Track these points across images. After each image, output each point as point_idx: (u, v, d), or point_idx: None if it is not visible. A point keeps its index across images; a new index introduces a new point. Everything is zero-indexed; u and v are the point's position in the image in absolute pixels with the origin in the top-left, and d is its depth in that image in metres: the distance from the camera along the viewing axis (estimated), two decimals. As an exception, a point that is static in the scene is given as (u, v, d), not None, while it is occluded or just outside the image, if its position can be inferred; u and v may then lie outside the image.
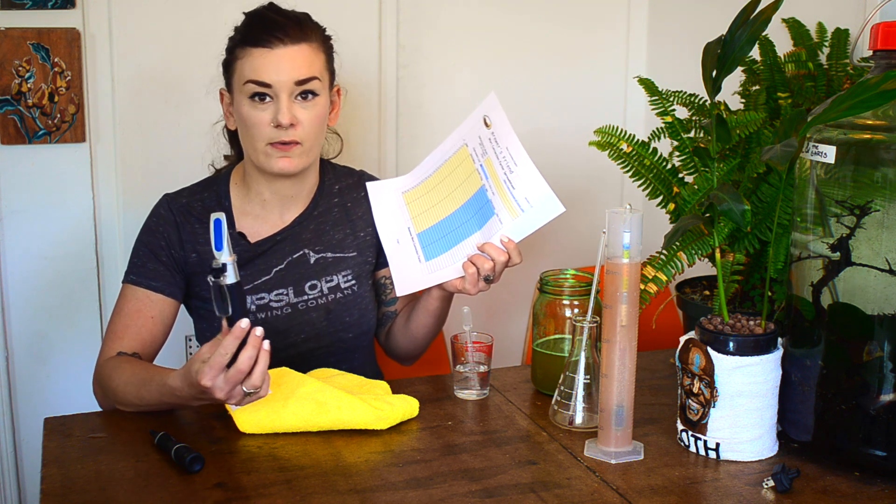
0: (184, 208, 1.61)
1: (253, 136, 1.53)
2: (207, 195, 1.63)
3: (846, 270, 1.23)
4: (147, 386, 1.36)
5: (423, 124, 2.28)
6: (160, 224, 1.59)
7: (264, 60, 1.49)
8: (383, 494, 1.18)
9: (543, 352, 1.51)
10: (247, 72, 1.51)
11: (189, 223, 1.60)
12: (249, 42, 1.51)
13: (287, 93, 1.50)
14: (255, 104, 1.51)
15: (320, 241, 1.64)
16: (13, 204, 1.97)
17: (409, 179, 1.66)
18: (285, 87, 1.50)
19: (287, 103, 1.50)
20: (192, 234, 1.59)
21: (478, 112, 1.56)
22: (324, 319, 1.61)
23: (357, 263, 1.66)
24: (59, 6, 1.91)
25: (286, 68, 1.50)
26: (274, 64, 1.49)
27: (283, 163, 1.53)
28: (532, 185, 1.45)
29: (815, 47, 1.78)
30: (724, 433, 1.27)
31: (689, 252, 1.43)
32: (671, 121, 1.51)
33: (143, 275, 1.56)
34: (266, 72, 1.49)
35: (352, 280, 1.64)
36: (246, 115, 1.53)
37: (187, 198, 1.63)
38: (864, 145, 1.20)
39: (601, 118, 1.77)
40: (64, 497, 1.16)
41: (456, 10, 2.23)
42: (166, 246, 1.58)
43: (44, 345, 2.04)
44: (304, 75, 1.51)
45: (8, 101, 1.91)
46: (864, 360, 1.22)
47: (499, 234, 1.48)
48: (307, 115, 1.53)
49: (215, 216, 1.25)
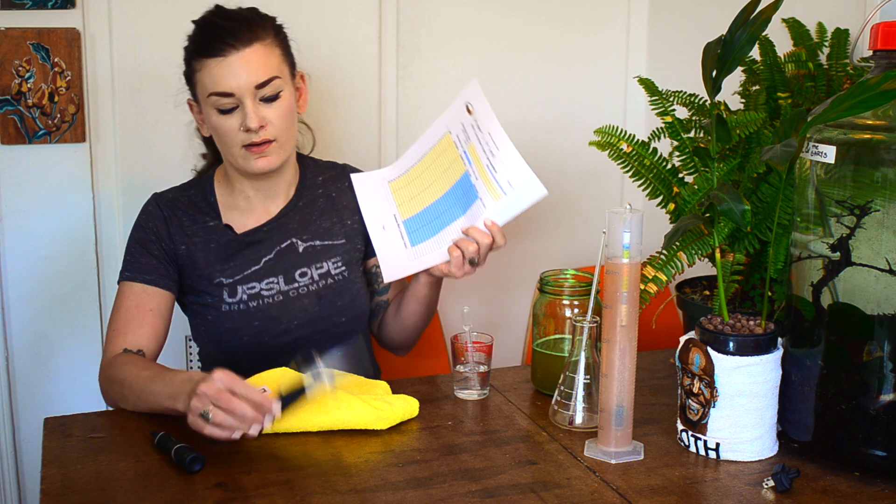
0: (171, 203, 1.65)
1: (227, 143, 1.57)
2: (193, 192, 1.67)
3: (846, 270, 1.23)
4: (151, 392, 1.38)
5: (423, 124, 2.26)
6: (149, 220, 1.63)
7: (221, 70, 1.51)
8: (383, 494, 1.18)
9: (543, 352, 1.51)
10: (207, 84, 1.53)
11: (177, 217, 1.63)
12: (202, 53, 1.53)
13: (250, 97, 1.52)
14: (221, 115, 1.54)
15: (307, 230, 1.66)
16: (13, 204, 1.97)
17: (394, 169, 1.68)
18: (247, 91, 1.52)
19: (252, 107, 1.52)
20: (180, 227, 1.62)
21: (460, 99, 1.58)
22: (316, 305, 1.63)
23: (346, 250, 1.68)
24: (59, 6, 1.91)
25: (243, 73, 1.51)
26: (231, 71, 1.51)
27: (262, 162, 1.56)
28: (514, 168, 1.47)
29: (815, 47, 1.78)
30: (724, 433, 1.27)
31: (689, 252, 1.43)
32: (671, 121, 1.51)
33: (137, 270, 1.59)
34: (225, 80, 1.51)
35: (342, 266, 1.66)
36: (216, 124, 1.56)
37: (174, 194, 1.67)
38: (864, 145, 1.20)
39: (601, 118, 1.78)
40: (64, 497, 1.16)
41: (456, 11, 2.23)
42: (156, 240, 1.61)
43: (44, 345, 2.04)
44: (263, 78, 1.53)
45: (8, 101, 1.91)
46: (864, 360, 1.22)
47: (482, 218, 1.50)
48: (275, 114, 1.55)
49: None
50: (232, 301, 1.60)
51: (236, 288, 1.60)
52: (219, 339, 1.60)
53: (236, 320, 1.59)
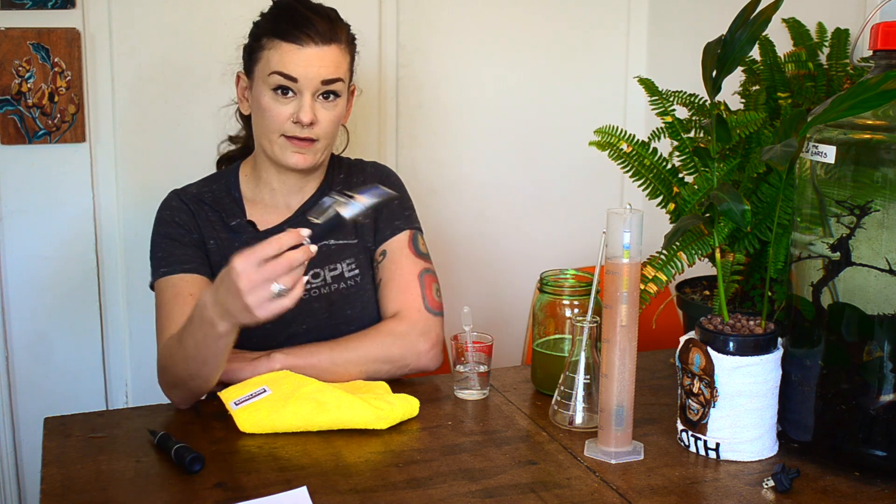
0: (195, 198, 1.62)
1: (268, 127, 1.54)
2: (217, 186, 1.64)
3: (846, 270, 1.23)
4: (188, 328, 1.35)
5: (423, 124, 2.28)
6: (174, 214, 1.59)
7: (294, 56, 1.50)
8: (383, 494, 1.18)
9: (543, 352, 1.51)
10: (274, 63, 1.51)
11: (202, 211, 1.61)
12: (279, 34, 1.51)
13: (311, 91, 1.51)
14: (276, 96, 1.52)
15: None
16: (13, 204, 1.97)
17: None
18: (311, 84, 1.51)
19: (310, 101, 1.51)
20: (208, 222, 1.60)
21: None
22: (325, 311, 1.61)
23: (360, 250, 1.65)
24: (59, 6, 1.91)
25: (315, 67, 1.50)
26: (304, 61, 1.49)
27: (297, 158, 1.54)
28: None
29: (815, 47, 1.78)
30: (724, 433, 1.27)
31: (689, 252, 1.43)
32: (671, 121, 1.51)
33: (171, 263, 1.55)
34: (295, 67, 1.49)
35: (355, 269, 1.64)
36: (266, 105, 1.53)
37: (197, 189, 1.64)
38: (864, 145, 1.20)
39: (601, 118, 1.77)
40: (64, 497, 1.16)
41: (456, 11, 2.23)
42: (186, 232, 1.58)
43: (44, 345, 2.04)
44: (331, 76, 1.52)
45: (8, 101, 1.91)
46: (864, 360, 1.22)
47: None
48: (327, 115, 1.53)
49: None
50: None
51: None
52: None
53: None
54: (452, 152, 2.32)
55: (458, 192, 2.34)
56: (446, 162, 2.32)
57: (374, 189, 1.38)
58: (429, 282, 1.63)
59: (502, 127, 2.35)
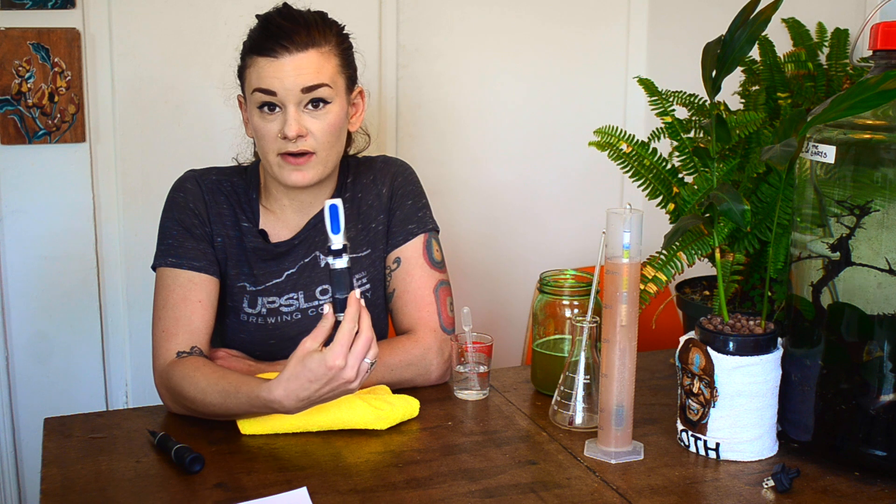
0: (214, 185, 1.54)
1: (264, 148, 1.48)
2: (238, 180, 1.58)
3: (846, 270, 1.23)
4: (235, 398, 1.31)
5: (423, 124, 2.28)
6: (188, 199, 1.52)
7: (269, 69, 1.43)
8: (383, 494, 1.18)
9: (543, 352, 1.51)
10: (253, 80, 1.45)
11: (217, 202, 1.54)
12: (255, 50, 1.45)
13: (294, 102, 1.43)
14: (263, 115, 1.45)
15: None
16: (13, 204, 1.97)
17: None
18: (291, 95, 1.43)
19: (294, 113, 1.43)
20: (220, 216, 1.53)
21: None
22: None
23: (371, 262, 1.60)
24: (59, 6, 1.91)
25: (291, 76, 1.42)
26: (279, 72, 1.42)
27: (296, 176, 1.46)
28: None
29: (814, 47, 1.78)
30: (724, 433, 1.27)
31: (689, 252, 1.43)
32: (671, 121, 1.51)
33: (182, 255, 1.48)
34: (271, 80, 1.43)
35: (366, 283, 1.59)
36: (257, 125, 1.47)
37: (217, 175, 1.56)
38: (864, 145, 1.20)
39: (601, 118, 1.78)
40: (64, 497, 1.16)
41: (456, 11, 2.23)
42: (199, 223, 1.51)
43: (44, 345, 2.04)
44: (311, 82, 1.43)
45: (8, 101, 1.91)
46: (864, 360, 1.22)
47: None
48: (318, 125, 1.45)
49: (330, 202, 1.24)
50: (251, 312, 1.54)
51: (257, 299, 1.54)
52: (229, 346, 1.55)
53: (252, 333, 1.54)
54: (452, 152, 2.32)
55: (458, 191, 2.34)
56: (446, 162, 2.32)
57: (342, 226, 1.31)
58: (444, 296, 1.58)
59: (502, 127, 2.36)
